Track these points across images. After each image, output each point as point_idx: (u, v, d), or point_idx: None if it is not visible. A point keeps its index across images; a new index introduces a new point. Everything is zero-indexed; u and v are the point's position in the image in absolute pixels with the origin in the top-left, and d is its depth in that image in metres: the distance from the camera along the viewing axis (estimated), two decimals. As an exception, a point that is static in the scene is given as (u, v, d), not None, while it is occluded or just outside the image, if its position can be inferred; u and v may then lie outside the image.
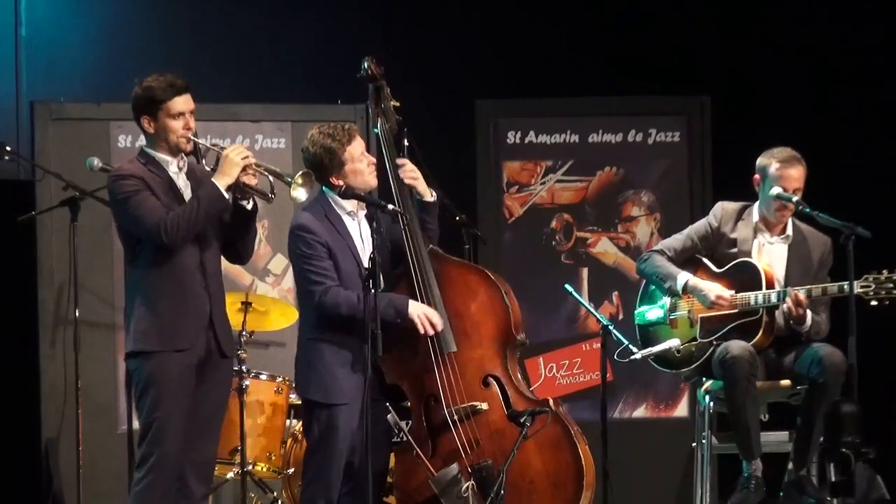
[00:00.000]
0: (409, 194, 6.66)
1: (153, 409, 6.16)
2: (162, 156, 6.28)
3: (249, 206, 6.34)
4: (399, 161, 6.66)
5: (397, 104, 6.76)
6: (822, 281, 7.03)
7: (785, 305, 6.87)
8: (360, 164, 6.53)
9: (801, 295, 6.86)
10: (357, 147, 6.54)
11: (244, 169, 6.26)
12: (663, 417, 8.96)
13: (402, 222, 6.59)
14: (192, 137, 6.28)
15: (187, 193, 6.29)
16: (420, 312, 6.47)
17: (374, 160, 6.61)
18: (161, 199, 6.19)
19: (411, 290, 6.55)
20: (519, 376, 6.59)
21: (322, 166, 6.51)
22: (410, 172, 6.65)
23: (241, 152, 6.29)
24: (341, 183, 6.50)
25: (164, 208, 6.16)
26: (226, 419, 7.41)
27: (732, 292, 7.00)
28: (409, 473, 6.51)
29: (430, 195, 6.68)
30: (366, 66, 6.72)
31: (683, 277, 7.09)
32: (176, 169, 6.30)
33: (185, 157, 6.33)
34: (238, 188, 6.27)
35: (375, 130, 6.74)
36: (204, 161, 6.41)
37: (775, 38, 9.15)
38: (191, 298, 6.23)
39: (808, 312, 6.94)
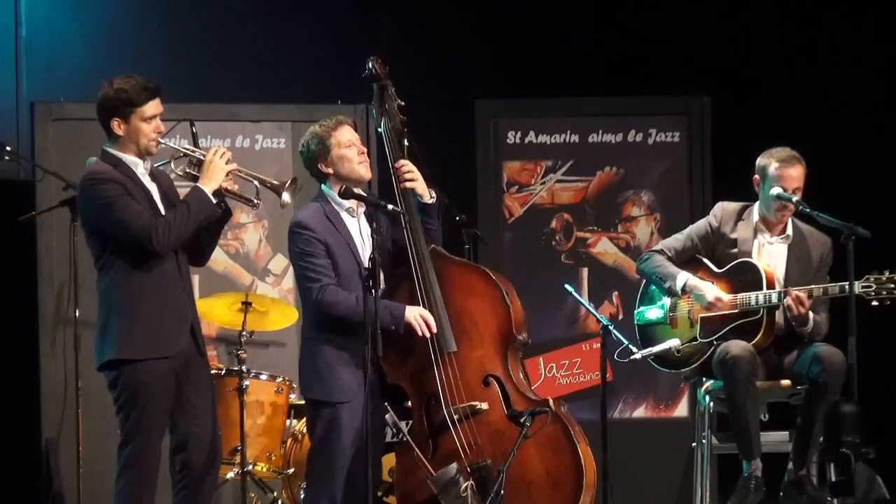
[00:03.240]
0: (412, 195, 6.66)
1: (136, 427, 6.13)
2: (130, 157, 6.21)
3: (222, 209, 6.31)
4: (398, 163, 6.66)
5: (402, 104, 6.75)
6: (822, 281, 7.03)
7: (788, 300, 6.86)
8: (347, 150, 6.53)
9: (803, 295, 6.86)
10: (344, 134, 6.54)
11: (227, 174, 6.25)
12: (663, 417, 8.96)
13: (403, 222, 6.58)
14: (162, 141, 6.25)
15: (156, 196, 6.25)
16: (416, 314, 6.46)
17: (364, 150, 6.60)
18: (140, 204, 6.15)
19: (412, 290, 6.54)
20: (521, 376, 6.58)
21: (310, 154, 6.55)
22: (407, 174, 6.63)
23: (225, 156, 6.27)
24: (330, 171, 6.52)
25: (148, 213, 6.14)
26: (226, 419, 7.43)
27: (731, 296, 7.00)
28: (409, 473, 6.51)
29: (429, 196, 6.67)
30: (370, 65, 6.71)
31: (683, 278, 7.09)
32: (143, 171, 6.24)
33: (149, 160, 6.28)
34: (217, 193, 6.25)
35: (379, 130, 6.73)
36: (173, 164, 6.37)
37: (775, 38, 9.15)
38: (172, 303, 6.19)
39: (810, 313, 6.94)
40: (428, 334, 6.46)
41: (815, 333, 7.02)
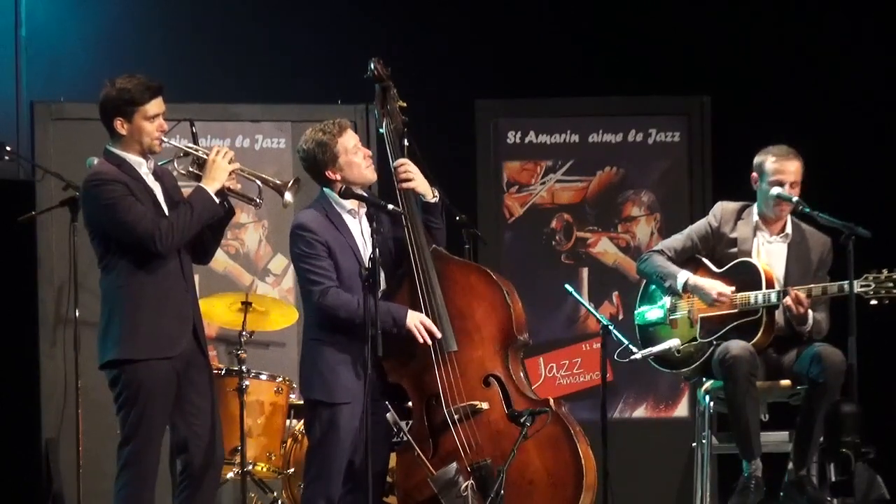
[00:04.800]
0: (414, 194, 6.66)
1: (136, 426, 6.13)
2: (133, 157, 6.20)
3: (225, 210, 6.30)
4: (397, 163, 6.65)
5: (404, 105, 6.75)
6: (821, 280, 7.03)
7: (787, 300, 6.86)
8: (354, 156, 6.52)
9: (802, 294, 6.86)
10: (349, 139, 6.52)
11: (230, 174, 6.25)
12: (663, 417, 8.96)
13: (405, 222, 6.58)
14: (165, 140, 6.24)
15: (160, 196, 6.25)
16: (418, 322, 6.46)
17: (370, 153, 6.60)
18: (143, 204, 6.15)
19: (413, 290, 6.54)
20: (521, 376, 6.59)
21: (316, 162, 6.50)
22: (404, 174, 6.63)
23: (228, 155, 6.27)
24: (338, 177, 6.50)
25: (152, 214, 6.14)
26: (226, 419, 7.42)
27: (733, 288, 7.00)
28: (409, 473, 6.51)
29: (431, 195, 6.67)
30: (372, 66, 6.72)
31: (683, 276, 7.09)
32: (147, 170, 6.23)
33: (152, 160, 6.28)
34: (220, 192, 6.24)
35: (381, 131, 6.73)
36: (176, 163, 6.37)
37: (775, 38, 9.15)
38: (175, 303, 6.19)
39: (810, 312, 6.95)
40: (430, 342, 6.46)
41: (815, 332, 7.02)
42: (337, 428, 6.38)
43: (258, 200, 6.39)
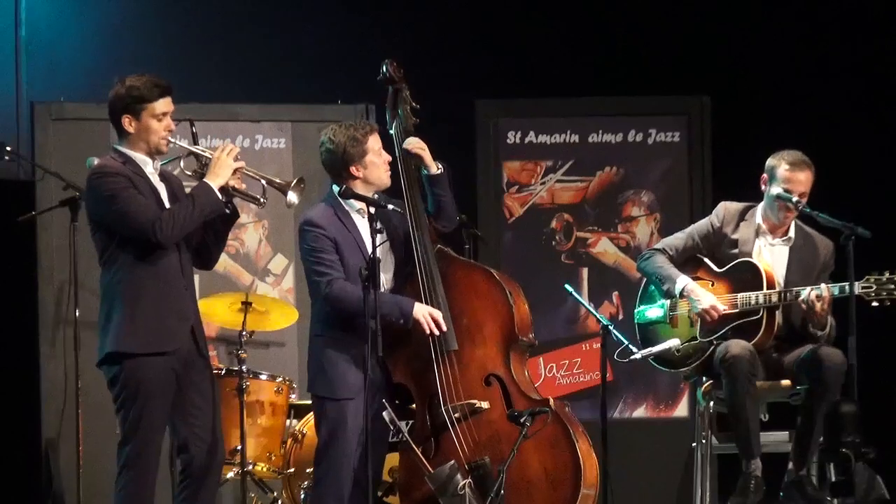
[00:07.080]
0: (420, 194, 6.67)
1: (135, 425, 6.13)
2: (140, 156, 6.21)
3: (229, 210, 6.31)
4: (407, 141, 6.68)
5: (416, 106, 6.77)
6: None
7: (811, 296, 6.82)
8: (377, 157, 6.58)
9: (823, 295, 6.83)
10: (376, 141, 6.60)
11: (234, 172, 6.25)
12: (663, 417, 8.96)
13: (409, 222, 6.59)
14: (172, 140, 6.25)
15: (164, 196, 6.25)
16: (425, 312, 6.47)
17: (389, 158, 6.64)
18: (145, 197, 6.14)
19: (416, 288, 6.56)
20: (524, 376, 6.59)
21: (344, 155, 6.53)
22: (417, 145, 6.66)
23: (233, 153, 6.27)
24: (360, 174, 6.54)
25: (153, 206, 6.14)
26: (226, 419, 7.43)
27: (727, 305, 6.99)
28: (411, 472, 6.52)
29: (435, 168, 6.69)
30: (385, 69, 6.74)
31: (682, 282, 7.07)
32: (152, 170, 6.24)
33: (158, 160, 6.29)
34: (224, 191, 6.25)
35: (391, 132, 6.76)
36: (182, 165, 6.38)
37: (775, 38, 9.15)
38: (174, 300, 6.18)
39: (829, 317, 6.93)
40: (437, 332, 6.47)
41: (830, 337, 7.00)
42: (345, 424, 6.40)
43: (262, 199, 6.39)
